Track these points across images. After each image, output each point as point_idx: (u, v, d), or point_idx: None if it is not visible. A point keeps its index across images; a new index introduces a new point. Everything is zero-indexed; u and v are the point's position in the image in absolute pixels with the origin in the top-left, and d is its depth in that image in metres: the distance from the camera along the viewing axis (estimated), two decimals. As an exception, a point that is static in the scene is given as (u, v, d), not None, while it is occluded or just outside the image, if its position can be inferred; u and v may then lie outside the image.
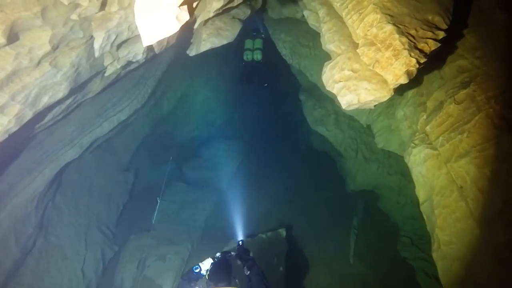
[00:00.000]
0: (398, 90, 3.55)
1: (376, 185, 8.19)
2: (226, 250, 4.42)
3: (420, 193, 4.21)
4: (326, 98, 7.59)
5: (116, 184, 9.08)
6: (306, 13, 5.27)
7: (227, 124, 14.04)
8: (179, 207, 9.58)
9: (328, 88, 3.93)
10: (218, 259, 4.09)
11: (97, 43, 4.01)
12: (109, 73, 5.19)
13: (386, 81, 3.40)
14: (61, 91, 4.24)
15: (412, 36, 3.23)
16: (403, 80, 3.25)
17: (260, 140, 12.68)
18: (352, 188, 8.84)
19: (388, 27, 3.24)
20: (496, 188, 3.12)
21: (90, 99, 5.72)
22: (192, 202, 9.83)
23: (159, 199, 6.85)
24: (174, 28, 2.67)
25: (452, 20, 3.47)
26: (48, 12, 3.35)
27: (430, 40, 3.24)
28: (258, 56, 8.56)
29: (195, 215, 9.38)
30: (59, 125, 5.59)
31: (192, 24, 5.45)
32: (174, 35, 5.16)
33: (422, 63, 3.17)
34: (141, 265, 7.65)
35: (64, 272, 6.82)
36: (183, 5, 2.70)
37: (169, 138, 12.07)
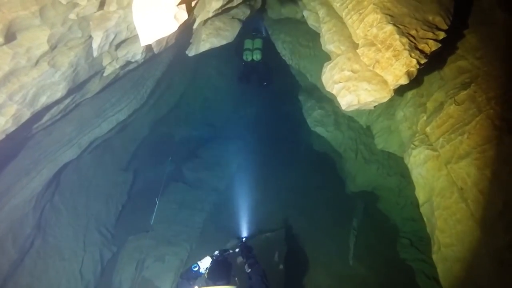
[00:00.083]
0: (398, 91, 3.54)
1: (375, 186, 8.16)
2: (224, 248, 4.39)
3: (420, 194, 4.19)
4: (325, 99, 7.57)
5: (115, 184, 9.05)
6: (305, 13, 5.26)
7: (226, 125, 13.99)
8: (178, 207, 9.54)
9: (327, 88, 3.92)
10: (217, 258, 4.09)
11: (95, 42, 3.99)
12: (107, 73, 5.17)
13: (386, 81, 3.39)
14: (59, 91, 4.22)
15: (412, 37, 3.21)
16: (404, 80, 3.23)
17: (259, 140, 12.63)
18: (352, 189, 8.81)
19: (389, 28, 3.22)
20: (497, 190, 3.09)
21: (89, 99, 5.70)
22: (191, 203, 9.79)
23: (158, 199, 6.82)
24: (172, 27, 2.65)
25: (453, 20, 3.46)
26: (46, 12, 3.33)
27: (430, 41, 3.22)
28: (258, 56, 8.55)
29: (194, 215, 9.35)
30: (58, 125, 5.56)
31: (191, 24, 5.43)
32: (173, 35, 5.15)
33: (423, 64, 3.15)
34: (139, 266, 7.62)
35: (62, 273, 6.79)
36: (181, 4, 2.69)
37: (168, 139, 12.05)
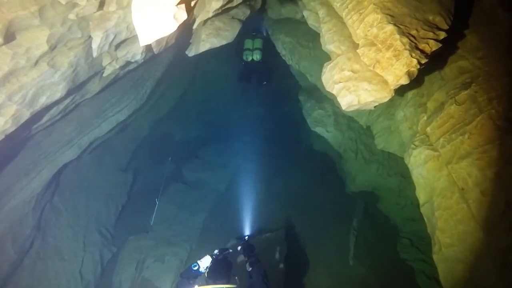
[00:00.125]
0: (398, 91, 3.52)
1: (376, 186, 8.14)
2: (224, 247, 4.38)
3: (421, 194, 4.17)
4: (325, 99, 7.55)
5: (115, 185, 9.04)
6: (305, 13, 5.25)
7: (226, 125, 13.98)
8: (178, 208, 9.53)
9: (327, 89, 3.91)
10: (216, 257, 4.08)
11: (95, 43, 3.99)
12: (107, 73, 5.16)
13: (386, 81, 3.38)
14: (59, 92, 4.21)
15: (413, 37, 3.20)
16: (404, 80, 3.22)
17: (259, 141, 12.62)
18: (352, 189, 8.79)
19: (389, 28, 3.21)
20: (499, 190, 3.08)
21: (89, 100, 5.69)
22: (191, 203, 9.78)
23: (158, 200, 6.82)
24: (171, 27, 2.64)
25: (453, 20, 3.44)
26: (45, 12, 3.32)
27: (431, 41, 3.21)
28: (258, 56, 8.54)
29: (194, 216, 9.34)
30: (57, 125, 5.55)
31: (191, 24, 5.42)
32: (173, 35, 5.14)
33: (423, 64, 3.14)
34: (139, 266, 7.61)
35: (62, 273, 6.78)
36: (180, 4, 2.68)
37: (168, 139, 12.04)
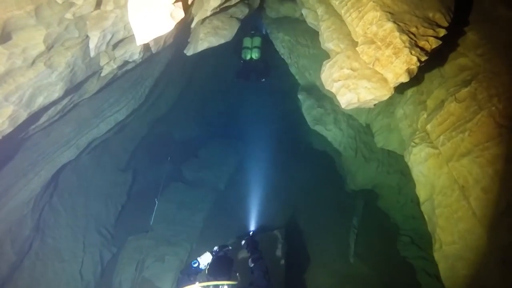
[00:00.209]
0: (397, 88, 3.51)
1: (375, 184, 8.14)
2: (224, 244, 4.36)
3: (421, 192, 4.16)
4: (325, 97, 7.53)
5: (114, 185, 9.02)
6: (304, 11, 5.23)
7: (225, 124, 13.97)
8: (178, 207, 9.52)
9: (327, 87, 3.89)
10: (216, 253, 4.07)
11: (92, 42, 3.95)
12: (105, 73, 5.12)
13: (386, 79, 3.36)
14: (56, 92, 4.17)
15: (412, 34, 3.18)
16: (404, 78, 3.20)
17: (258, 140, 12.61)
18: (352, 188, 8.78)
19: (388, 25, 3.19)
20: (500, 188, 3.06)
21: (87, 100, 5.66)
22: (191, 202, 9.76)
23: (157, 199, 6.79)
24: (168, 26, 2.61)
25: (453, 17, 3.42)
26: (41, 11, 3.29)
27: (431, 38, 3.19)
28: (257, 54, 8.51)
29: (193, 215, 9.32)
30: (55, 126, 5.52)
31: (189, 23, 5.40)
32: (171, 34, 5.11)
33: (423, 61, 3.12)
34: (139, 266, 7.58)
35: (61, 274, 6.76)
36: (177, 2, 2.65)
37: (167, 138, 12.01)
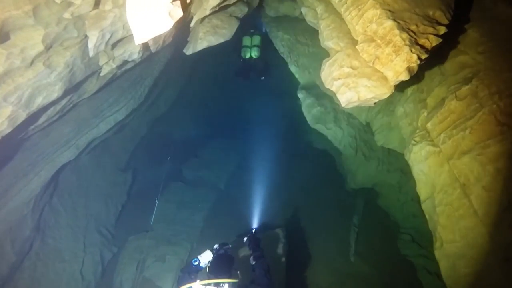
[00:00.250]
0: (397, 87, 3.50)
1: (376, 182, 8.12)
2: (224, 242, 4.35)
3: (422, 191, 4.15)
4: (325, 96, 7.51)
5: (114, 185, 9.00)
6: (304, 10, 5.22)
7: (225, 123, 13.95)
8: (178, 207, 9.50)
9: (327, 85, 3.88)
10: (217, 251, 4.06)
11: (91, 42, 3.93)
12: (104, 72, 5.11)
13: (386, 78, 3.35)
14: (55, 92, 4.16)
15: (412, 32, 3.17)
16: (404, 76, 3.19)
17: (258, 139, 12.60)
18: (352, 186, 8.77)
19: (388, 23, 3.17)
20: (501, 186, 3.05)
21: (86, 100, 5.65)
22: (191, 202, 9.75)
23: (157, 199, 6.79)
24: (167, 25, 2.60)
25: (453, 14, 3.41)
26: (40, 11, 3.28)
27: (431, 36, 3.18)
28: (256, 53, 8.50)
29: (194, 215, 9.30)
30: (55, 126, 5.51)
31: (189, 22, 5.38)
32: (170, 34, 5.09)
33: (424, 59, 3.11)
34: (140, 266, 7.57)
35: (62, 275, 6.75)
36: (175, 1, 2.63)
37: (166, 138, 11.99)
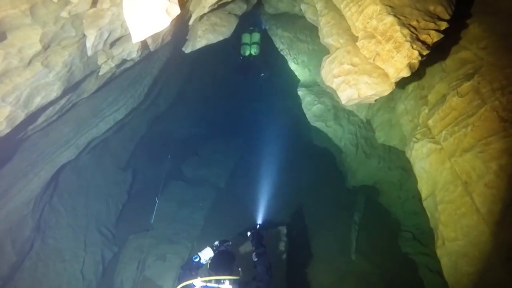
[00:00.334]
0: (398, 83, 3.47)
1: (376, 180, 8.09)
2: (224, 239, 4.33)
3: (423, 188, 4.11)
4: (325, 93, 7.48)
5: (114, 184, 8.99)
6: (303, 6, 5.18)
7: (225, 122, 13.93)
8: (178, 205, 9.49)
9: (327, 83, 3.85)
10: (217, 248, 4.04)
11: (89, 41, 3.91)
12: (103, 72, 5.09)
13: (387, 74, 3.32)
14: (54, 91, 4.15)
15: (413, 28, 3.13)
16: (405, 73, 3.16)
17: (258, 137, 12.60)
18: (353, 184, 8.75)
19: (389, 19, 3.14)
20: (504, 183, 3.01)
21: (85, 99, 5.63)
22: (191, 201, 9.74)
23: (158, 198, 6.76)
24: (164, 22, 2.57)
25: (455, 10, 3.37)
26: (37, 10, 3.26)
27: (432, 31, 3.14)
28: (256, 50, 8.47)
29: (194, 213, 9.29)
30: (54, 126, 5.49)
31: (187, 20, 5.35)
32: (168, 32, 5.06)
33: (425, 55, 3.08)
34: (140, 265, 7.56)
35: (63, 274, 6.75)
36: (174, -2, 2.61)
37: (166, 137, 11.98)
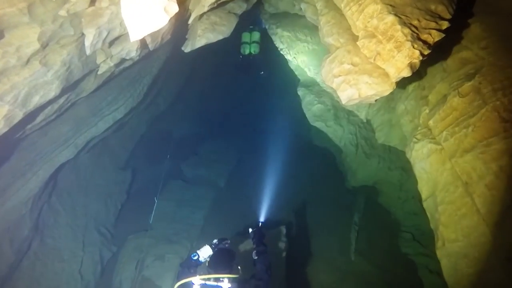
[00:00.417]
0: (398, 83, 3.45)
1: (376, 180, 8.08)
2: (223, 237, 4.32)
3: (423, 189, 4.09)
4: (325, 93, 7.47)
5: (113, 183, 8.97)
6: (303, 6, 5.16)
7: (224, 121, 13.91)
8: (177, 205, 9.46)
9: (327, 82, 3.83)
10: (215, 246, 4.03)
11: (87, 40, 3.88)
12: (102, 71, 5.06)
13: (387, 74, 3.30)
14: (52, 91, 4.12)
15: (414, 27, 3.11)
16: (406, 73, 3.14)
17: (258, 136, 12.59)
18: (353, 184, 8.73)
19: (390, 18, 3.12)
20: (504, 184, 2.99)
21: (84, 98, 5.60)
22: (190, 200, 9.72)
23: (157, 198, 6.73)
24: (162, 21, 2.54)
25: (456, 9, 3.35)
26: (35, 8, 3.23)
27: (433, 31, 3.12)
28: (255, 49, 8.45)
29: (193, 213, 9.27)
30: (53, 125, 5.47)
31: (187, 19, 5.33)
32: (168, 31, 5.04)
33: (426, 55, 3.05)
34: (139, 265, 7.53)
35: (61, 274, 6.72)
36: (172, -4, 2.58)
37: (166, 136, 11.95)
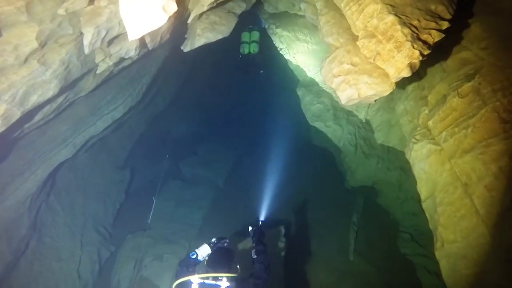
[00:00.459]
0: (398, 83, 3.44)
1: (375, 180, 8.08)
2: (221, 236, 4.31)
3: (422, 189, 4.08)
4: (324, 93, 7.47)
5: (112, 183, 8.94)
6: (303, 5, 5.16)
7: (223, 121, 13.90)
8: (176, 205, 9.46)
9: (326, 82, 3.83)
10: (214, 245, 4.02)
11: (86, 39, 3.86)
12: (101, 70, 5.04)
13: (387, 74, 3.29)
14: (51, 90, 4.10)
15: (414, 27, 3.10)
16: (406, 73, 3.13)
17: (257, 136, 12.58)
18: (352, 184, 8.74)
19: (390, 18, 3.11)
20: (504, 185, 2.99)
21: (83, 97, 5.58)
22: (189, 200, 9.71)
23: (155, 197, 6.72)
24: (161, 20, 2.53)
25: (456, 9, 3.34)
26: (33, 7, 3.21)
27: (433, 31, 3.11)
28: (255, 48, 8.44)
29: (192, 213, 9.26)
30: (51, 124, 5.45)
31: (186, 19, 5.31)
32: (167, 30, 5.02)
33: (426, 55, 3.05)
34: (138, 265, 7.52)
35: (59, 274, 6.70)
36: (171, -5, 2.57)
37: (165, 136, 11.94)
